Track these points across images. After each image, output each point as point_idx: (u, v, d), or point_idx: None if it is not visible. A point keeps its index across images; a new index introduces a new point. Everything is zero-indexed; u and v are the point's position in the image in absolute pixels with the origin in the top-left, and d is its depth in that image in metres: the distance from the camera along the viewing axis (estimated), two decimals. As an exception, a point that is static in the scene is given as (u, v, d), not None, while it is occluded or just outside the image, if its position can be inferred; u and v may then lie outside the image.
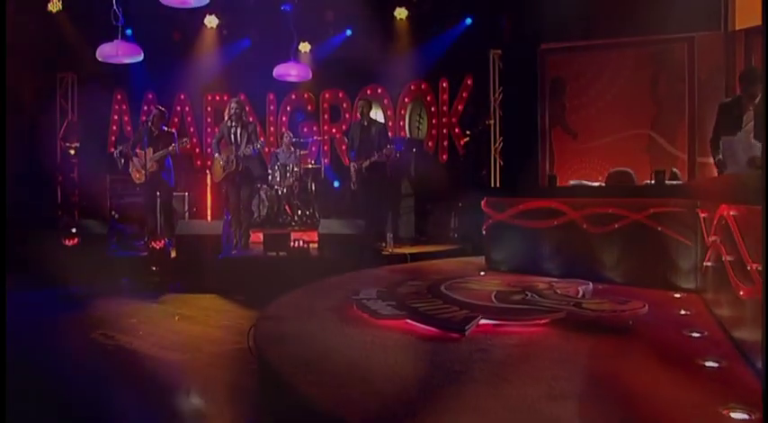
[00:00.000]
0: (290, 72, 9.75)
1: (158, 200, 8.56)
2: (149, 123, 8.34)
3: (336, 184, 10.77)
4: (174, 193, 8.93)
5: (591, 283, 4.83)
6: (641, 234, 5.28)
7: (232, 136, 8.11)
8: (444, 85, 10.66)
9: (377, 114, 11.09)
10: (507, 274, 6.13)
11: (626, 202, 5.43)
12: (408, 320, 3.80)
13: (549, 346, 3.37)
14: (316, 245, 7.50)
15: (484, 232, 6.77)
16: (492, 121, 9.88)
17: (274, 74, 9.84)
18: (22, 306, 6.18)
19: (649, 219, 5.23)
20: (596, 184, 6.40)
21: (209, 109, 11.44)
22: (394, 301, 4.23)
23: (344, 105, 11.38)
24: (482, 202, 6.75)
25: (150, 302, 6.31)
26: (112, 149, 10.86)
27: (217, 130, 11.34)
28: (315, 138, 11.14)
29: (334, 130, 11.41)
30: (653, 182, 5.71)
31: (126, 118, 11.15)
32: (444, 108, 10.65)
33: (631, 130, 8.74)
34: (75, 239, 7.47)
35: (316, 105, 11.46)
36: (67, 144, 10.21)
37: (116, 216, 9.33)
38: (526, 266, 6.15)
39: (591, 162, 9.12)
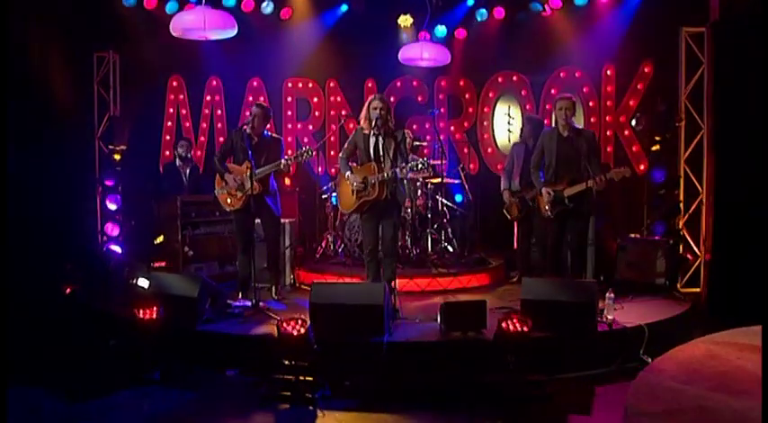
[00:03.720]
0: (422, 55, 7.08)
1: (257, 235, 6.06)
2: (247, 126, 5.78)
3: (459, 197, 8.23)
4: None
5: None
6: None
7: (371, 149, 5.53)
8: (609, 72, 8.08)
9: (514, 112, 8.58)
10: None
11: None
12: None
13: None
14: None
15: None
16: (683, 122, 7.33)
17: (401, 57, 7.22)
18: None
19: None
20: None
21: (289, 99, 8.79)
22: None
23: (467, 96, 8.75)
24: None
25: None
26: (170, 153, 8.25)
27: (300, 127, 8.77)
28: (429, 139, 8.54)
29: (452, 128, 8.81)
30: None
31: (184, 111, 8.52)
32: (609, 103, 8.09)
33: None
34: (154, 309, 4.87)
35: (429, 95, 8.81)
36: (110, 147, 7.50)
37: (190, 253, 6.71)
38: None
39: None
